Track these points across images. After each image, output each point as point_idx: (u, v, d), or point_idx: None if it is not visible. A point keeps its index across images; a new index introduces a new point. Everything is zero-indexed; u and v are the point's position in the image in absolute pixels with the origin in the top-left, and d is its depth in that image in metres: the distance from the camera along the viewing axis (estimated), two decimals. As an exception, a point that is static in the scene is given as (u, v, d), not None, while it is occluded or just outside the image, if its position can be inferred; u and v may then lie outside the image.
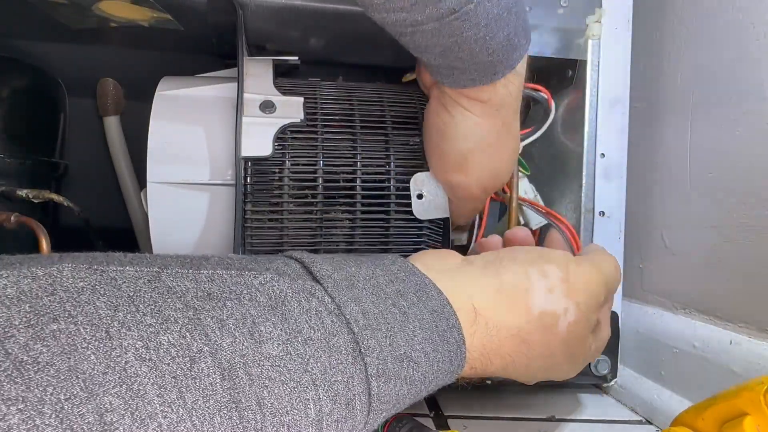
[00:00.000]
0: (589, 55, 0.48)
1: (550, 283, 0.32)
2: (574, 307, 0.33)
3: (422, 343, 0.28)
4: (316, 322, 0.25)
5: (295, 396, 0.23)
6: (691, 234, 0.48)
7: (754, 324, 0.40)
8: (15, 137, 0.54)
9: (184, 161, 0.41)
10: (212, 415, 0.20)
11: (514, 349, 0.32)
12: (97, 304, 0.20)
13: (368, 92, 0.44)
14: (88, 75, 0.60)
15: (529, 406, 0.47)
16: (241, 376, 0.21)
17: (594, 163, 0.49)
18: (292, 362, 0.23)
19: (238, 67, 0.41)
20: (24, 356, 0.17)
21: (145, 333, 0.20)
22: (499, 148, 0.39)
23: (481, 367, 0.31)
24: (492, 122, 0.38)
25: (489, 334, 0.31)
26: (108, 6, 0.45)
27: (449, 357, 0.29)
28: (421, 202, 0.41)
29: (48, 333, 0.18)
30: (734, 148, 0.43)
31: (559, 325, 0.32)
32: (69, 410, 0.17)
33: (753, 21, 0.42)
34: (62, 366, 0.18)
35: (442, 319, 0.29)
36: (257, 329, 0.23)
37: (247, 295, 0.24)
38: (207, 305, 0.22)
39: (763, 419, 0.28)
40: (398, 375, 0.27)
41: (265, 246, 0.40)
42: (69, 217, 0.56)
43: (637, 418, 0.47)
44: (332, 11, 0.42)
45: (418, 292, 0.30)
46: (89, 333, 0.19)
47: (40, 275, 0.19)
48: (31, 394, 0.17)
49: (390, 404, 0.27)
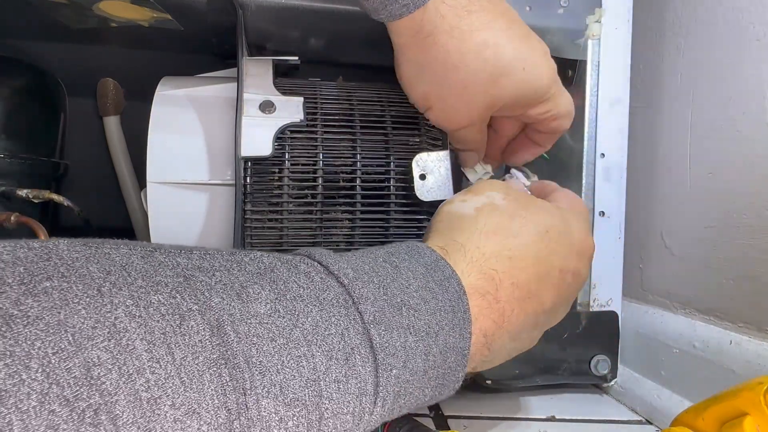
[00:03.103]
0: (589, 55, 0.49)
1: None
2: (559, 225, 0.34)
3: (419, 291, 0.27)
4: (305, 281, 0.25)
5: (285, 353, 0.22)
6: (691, 234, 0.48)
7: (754, 324, 0.40)
8: (15, 137, 0.54)
9: (184, 161, 0.41)
10: (201, 372, 0.20)
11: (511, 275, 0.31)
12: (90, 268, 0.20)
13: (368, 92, 0.44)
14: (88, 75, 0.60)
15: (529, 406, 0.47)
16: (229, 333, 0.21)
17: (594, 163, 0.49)
18: (280, 319, 0.23)
19: (237, 67, 0.41)
20: (14, 311, 0.17)
21: (135, 293, 0.20)
22: (447, 78, 0.37)
23: (490, 326, 0.30)
24: (428, 54, 0.36)
25: (485, 267, 0.31)
26: (108, 6, 0.45)
27: (451, 306, 0.28)
28: (424, 183, 0.40)
29: (40, 289, 0.18)
30: (734, 148, 0.43)
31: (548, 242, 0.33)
32: (56, 364, 0.17)
33: (753, 21, 0.42)
34: (52, 320, 0.18)
35: (437, 270, 0.29)
36: (245, 291, 0.23)
37: (237, 267, 0.24)
38: (197, 274, 0.22)
39: (763, 419, 0.28)
40: (399, 324, 0.26)
41: (265, 246, 0.40)
42: (69, 217, 0.56)
43: (637, 418, 0.47)
44: (332, 11, 0.42)
45: (409, 251, 0.30)
46: (81, 290, 0.19)
47: (36, 246, 0.20)
48: (19, 348, 0.17)
49: (399, 358, 0.25)
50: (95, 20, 0.48)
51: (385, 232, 0.41)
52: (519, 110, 0.40)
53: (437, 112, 0.39)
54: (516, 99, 0.38)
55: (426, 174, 0.40)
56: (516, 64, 0.36)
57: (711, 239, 0.45)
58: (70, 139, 0.61)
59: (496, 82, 0.36)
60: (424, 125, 0.43)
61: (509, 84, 0.37)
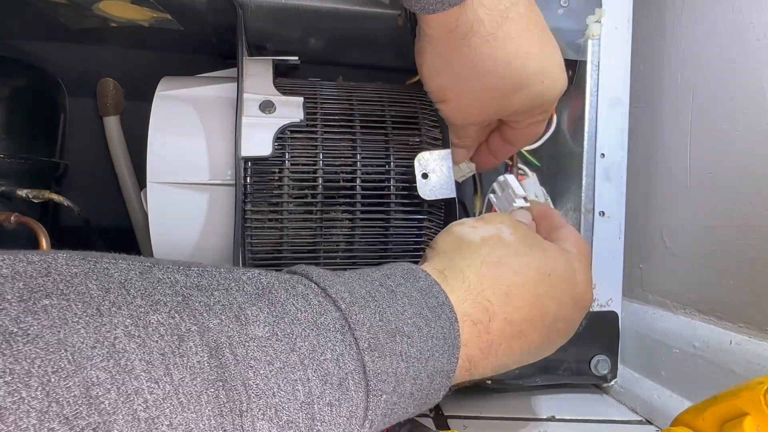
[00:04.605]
0: (589, 55, 0.49)
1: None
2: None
3: (413, 318, 0.28)
4: (302, 303, 0.25)
5: (282, 377, 0.22)
6: (691, 234, 0.48)
7: (754, 324, 0.40)
8: (15, 137, 0.54)
9: (184, 161, 0.41)
10: (199, 393, 0.20)
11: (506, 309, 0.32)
12: (89, 285, 0.20)
13: (368, 92, 0.44)
14: (88, 75, 0.60)
15: (529, 406, 0.47)
16: (227, 355, 0.21)
17: (594, 163, 0.49)
18: (278, 342, 0.23)
19: (237, 67, 0.41)
20: (14, 328, 0.17)
21: (134, 312, 0.20)
22: (476, 77, 0.37)
23: (478, 351, 0.31)
24: (458, 52, 0.36)
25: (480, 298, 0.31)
26: (108, 6, 0.45)
27: (443, 333, 0.29)
28: (426, 182, 0.40)
29: (40, 307, 0.18)
30: (734, 148, 0.43)
31: (551, 279, 0.34)
32: (55, 383, 0.17)
33: (753, 21, 0.42)
34: (51, 339, 0.18)
35: (431, 296, 0.29)
36: (243, 313, 0.23)
37: (235, 286, 0.24)
38: (195, 293, 0.23)
39: (763, 419, 0.28)
40: (393, 350, 0.26)
41: (265, 246, 0.40)
42: (69, 217, 0.56)
43: (637, 418, 0.47)
44: (332, 11, 0.42)
45: (405, 275, 0.30)
46: (80, 309, 0.19)
47: (36, 260, 0.20)
48: (19, 366, 0.17)
49: (390, 384, 0.26)
50: (95, 20, 0.48)
51: (385, 232, 0.41)
52: (522, 117, 0.40)
53: (451, 107, 0.39)
54: (527, 108, 0.39)
55: (428, 173, 0.40)
56: (538, 78, 0.37)
57: (711, 239, 0.45)
58: (70, 139, 0.60)
59: (516, 91, 0.37)
60: (425, 125, 0.43)
61: (527, 94, 0.37)
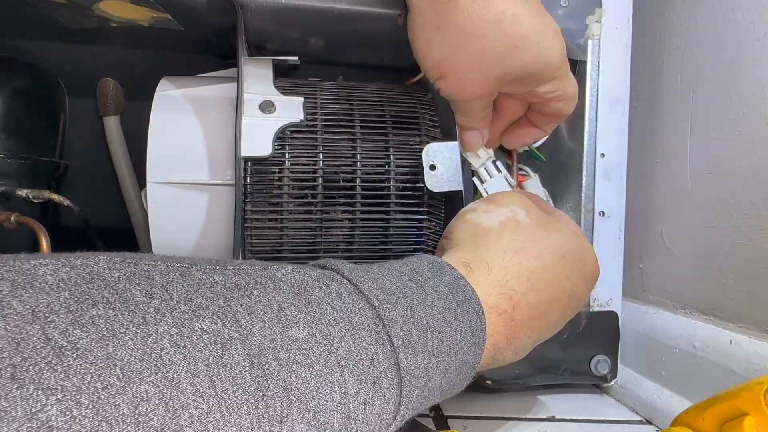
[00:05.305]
0: (589, 55, 0.48)
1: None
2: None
3: (443, 313, 0.28)
4: (337, 302, 0.25)
5: (321, 379, 0.23)
6: (691, 234, 0.48)
7: (754, 324, 0.40)
8: (15, 137, 0.54)
9: (184, 161, 0.41)
10: (240, 405, 0.20)
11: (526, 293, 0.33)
12: (133, 291, 0.20)
13: (368, 92, 0.44)
14: (88, 75, 0.60)
15: (529, 406, 0.47)
16: (270, 361, 0.21)
17: (594, 163, 0.49)
18: (317, 344, 0.23)
19: (238, 67, 0.41)
20: (64, 342, 0.17)
21: (179, 320, 0.20)
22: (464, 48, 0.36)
23: (503, 337, 0.32)
24: (446, 18, 0.35)
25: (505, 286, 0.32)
26: (108, 6, 0.45)
27: (470, 327, 0.29)
28: (434, 174, 0.40)
29: (87, 319, 0.18)
30: (734, 148, 0.43)
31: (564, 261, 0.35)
32: (105, 400, 0.17)
33: (753, 21, 0.42)
34: (100, 353, 0.17)
35: (458, 290, 0.30)
36: (284, 314, 0.23)
37: (272, 284, 0.24)
38: (235, 294, 0.23)
39: (763, 419, 0.28)
40: (424, 346, 0.27)
41: (265, 246, 0.40)
42: (69, 217, 0.56)
43: (637, 418, 0.47)
44: (332, 11, 0.42)
45: (432, 269, 0.30)
46: (127, 319, 0.19)
47: (78, 265, 0.19)
48: (70, 382, 0.16)
49: (421, 380, 0.26)
50: (95, 20, 0.48)
51: (385, 232, 0.41)
52: (528, 86, 0.39)
53: (450, 81, 0.38)
54: (528, 72, 0.38)
55: (436, 164, 0.40)
56: (531, 37, 0.36)
57: (711, 239, 0.45)
58: (70, 139, 0.60)
59: (511, 53, 0.36)
60: (425, 125, 0.43)
61: (523, 56, 0.37)
